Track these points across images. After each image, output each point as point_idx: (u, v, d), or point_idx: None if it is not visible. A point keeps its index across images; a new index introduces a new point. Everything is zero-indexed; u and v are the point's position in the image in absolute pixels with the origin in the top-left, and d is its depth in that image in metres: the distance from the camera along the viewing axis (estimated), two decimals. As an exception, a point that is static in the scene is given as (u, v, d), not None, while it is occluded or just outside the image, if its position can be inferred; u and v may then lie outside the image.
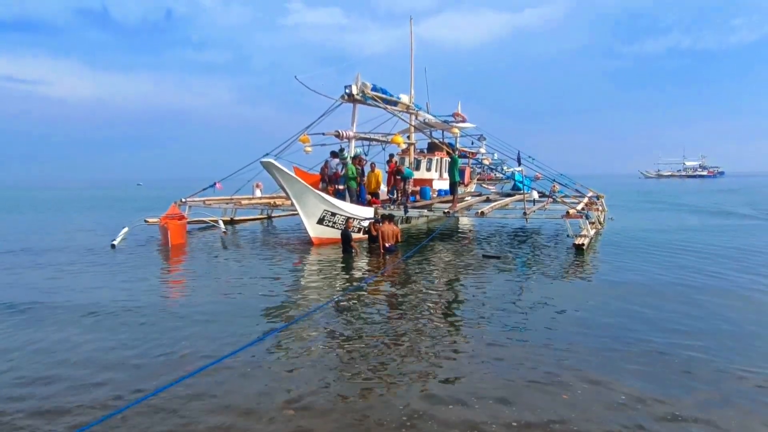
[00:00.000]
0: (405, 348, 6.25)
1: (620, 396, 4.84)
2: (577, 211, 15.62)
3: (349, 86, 16.56)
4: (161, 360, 5.83)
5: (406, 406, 4.65)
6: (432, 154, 21.92)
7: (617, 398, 4.80)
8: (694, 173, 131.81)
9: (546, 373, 5.40)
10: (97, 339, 6.53)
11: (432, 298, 8.81)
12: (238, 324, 7.11)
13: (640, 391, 4.92)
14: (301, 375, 5.40)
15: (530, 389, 5.04)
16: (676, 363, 5.69)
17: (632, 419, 4.40)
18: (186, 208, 18.78)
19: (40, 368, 5.60)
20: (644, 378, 5.26)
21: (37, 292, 9.17)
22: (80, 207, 35.58)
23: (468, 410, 4.57)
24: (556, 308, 8.02)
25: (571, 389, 5.01)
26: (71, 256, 13.19)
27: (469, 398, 4.81)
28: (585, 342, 6.39)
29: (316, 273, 11.45)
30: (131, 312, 7.74)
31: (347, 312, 7.83)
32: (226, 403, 4.71)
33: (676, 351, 6.04)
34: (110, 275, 10.87)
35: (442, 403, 4.71)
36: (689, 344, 6.26)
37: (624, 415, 4.49)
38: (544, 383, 5.16)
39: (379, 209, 16.38)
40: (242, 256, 13.53)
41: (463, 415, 4.48)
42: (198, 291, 9.53)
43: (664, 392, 4.92)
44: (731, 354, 5.97)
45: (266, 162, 14.14)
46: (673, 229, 18.38)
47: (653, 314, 7.61)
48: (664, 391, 4.96)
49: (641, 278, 10.28)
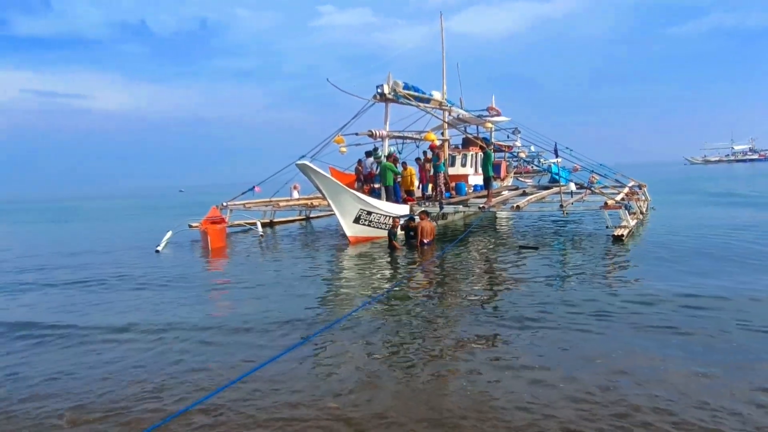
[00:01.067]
0: (450, 343, 6.30)
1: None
2: (616, 201, 15.31)
3: (381, 86, 16.71)
4: (217, 364, 5.87)
5: (453, 402, 4.68)
6: (467, 150, 21.85)
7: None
8: (744, 157, 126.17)
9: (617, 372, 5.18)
10: (142, 349, 6.52)
11: (473, 292, 8.86)
12: (283, 328, 7.06)
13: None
14: (348, 373, 5.44)
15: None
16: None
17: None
18: (227, 211, 19.32)
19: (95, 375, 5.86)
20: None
21: (78, 305, 9.15)
22: (126, 215, 36.97)
23: (524, 413, 4.47)
24: (601, 302, 7.80)
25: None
26: (116, 264, 13.49)
27: (526, 396, 4.72)
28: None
29: (356, 271, 11.64)
30: (177, 326, 7.41)
31: (390, 308, 7.92)
32: (275, 404, 4.80)
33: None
34: (153, 282, 10.94)
35: (494, 401, 4.69)
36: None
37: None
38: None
39: (414, 207, 16.50)
40: (281, 257, 13.80)
41: (518, 418, 4.38)
42: (239, 293, 9.64)
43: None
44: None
45: (301, 164, 14.45)
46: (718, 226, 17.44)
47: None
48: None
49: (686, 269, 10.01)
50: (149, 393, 5.15)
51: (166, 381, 5.44)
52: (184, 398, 4.96)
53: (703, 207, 21.97)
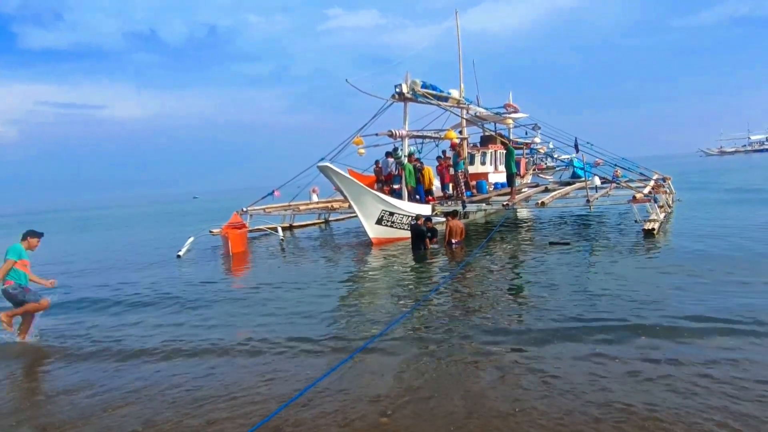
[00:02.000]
0: (489, 349, 6.06)
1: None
2: (644, 195, 15.03)
3: (399, 85, 16.55)
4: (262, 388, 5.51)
5: (495, 409, 4.54)
6: (485, 147, 21.62)
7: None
8: (761, 147, 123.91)
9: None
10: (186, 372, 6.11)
11: (510, 294, 8.60)
12: (320, 344, 6.64)
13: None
14: (394, 388, 5.18)
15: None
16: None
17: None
18: (247, 216, 19.30)
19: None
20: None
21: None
22: (144, 224, 37.15)
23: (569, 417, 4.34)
24: (644, 297, 7.61)
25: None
26: (140, 269, 13.60)
27: (567, 404, 4.57)
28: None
29: (385, 277, 11.05)
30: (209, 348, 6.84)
31: (430, 316, 7.51)
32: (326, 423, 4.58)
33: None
34: (173, 287, 10.93)
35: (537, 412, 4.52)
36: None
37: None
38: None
39: (436, 206, 16.33)
40: (303, 261, 13.54)
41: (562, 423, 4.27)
42: (263, 306, 8.91)
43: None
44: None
45: (323, 166, 14.36)
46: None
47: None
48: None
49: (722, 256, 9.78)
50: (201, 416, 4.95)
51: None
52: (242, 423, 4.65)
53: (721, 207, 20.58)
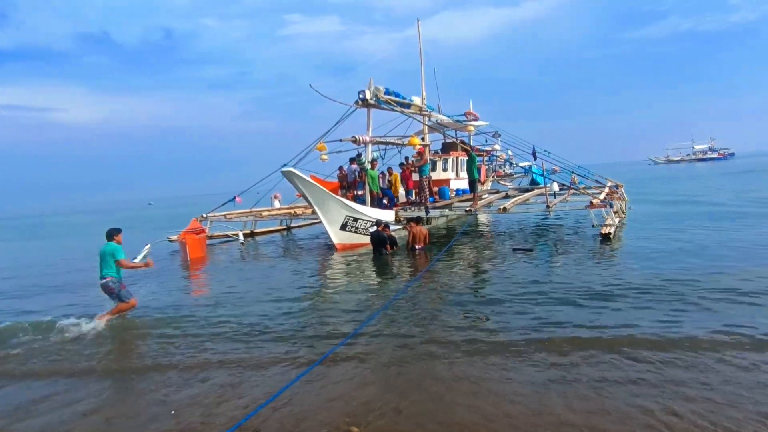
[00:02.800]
0: (461, 352, 6.11)
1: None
2: (600, 200, 15.55)
3: (363, 91, 16.59)
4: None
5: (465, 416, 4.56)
6: (447, 154, 21.90)
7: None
8: (704, 156, 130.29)
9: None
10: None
11: (474, 300, 8.57)
12: (281, 347, 6.65)
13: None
14: (362, 393, 5.16)
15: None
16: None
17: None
18: (207, 223, 18.89)
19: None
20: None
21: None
22: (100, 229, 35.73)
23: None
24: (600, 297, 7.90)
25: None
26: (87, 278, 13.00)
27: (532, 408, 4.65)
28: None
29: (348, 282, 10.94)
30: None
31: (392, 324, 7.39)
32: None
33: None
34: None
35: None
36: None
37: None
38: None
39: (399, 212, 16.41)
40: (264, 267, 13.39)
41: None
42: (221, 310, 8.80)
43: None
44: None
45: (287, 171, 14.20)
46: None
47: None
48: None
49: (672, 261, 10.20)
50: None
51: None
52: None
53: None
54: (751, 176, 43.73)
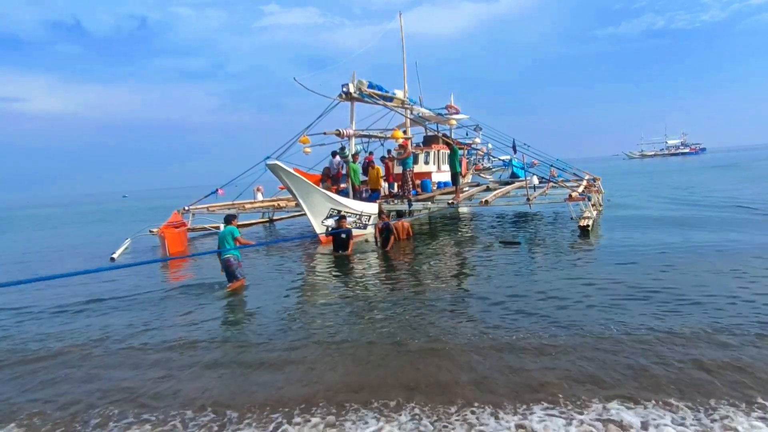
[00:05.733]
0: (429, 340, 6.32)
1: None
2: (578, 193, 15.93)
3: (346, 85, 16.66)
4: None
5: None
6: (429, 147, 22.05)
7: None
8: (677, 151, 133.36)
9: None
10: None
11: (453, 291, 8.76)
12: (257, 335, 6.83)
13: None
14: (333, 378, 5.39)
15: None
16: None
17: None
18: (189, 215, 18.77)
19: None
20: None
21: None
22: (75, 222, 35.20)
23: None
24: (576, 291, 8.14)
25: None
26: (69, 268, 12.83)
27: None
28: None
29: (330, 273, 11.02)
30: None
31: (372, 318, 7.41)
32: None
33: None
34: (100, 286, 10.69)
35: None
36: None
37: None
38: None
39: (382, 204, 16.55)
40: (248, 259, 12.95)
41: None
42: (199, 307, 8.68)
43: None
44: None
45: (272, 164, 14.22)
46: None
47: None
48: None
49: (650, 251, 10.58)
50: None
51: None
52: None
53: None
54: (713, 172, 43.43)
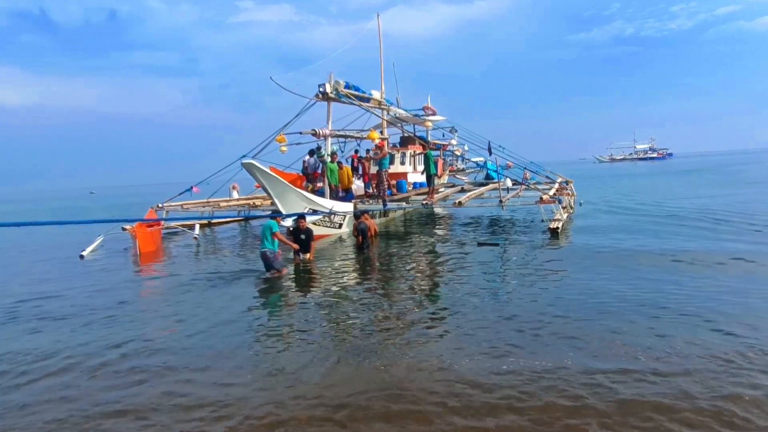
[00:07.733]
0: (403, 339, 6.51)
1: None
2: (550, 196, 16.31)
3: (323, 85, 16.75)
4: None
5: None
6: (405, 148, 22.30)
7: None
8: (645, 156, 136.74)
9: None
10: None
11: (427, 289, 9.00)
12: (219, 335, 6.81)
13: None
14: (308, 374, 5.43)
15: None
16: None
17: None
18: (163, 213, 18.55)
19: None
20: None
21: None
22: (40, 218, 34.26)
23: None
24: (540, 288, 8.50)
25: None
26: (36, 267, 12.79)
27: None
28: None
29: (304, 279, 10.55)
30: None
31: (340, 322, 7.35)
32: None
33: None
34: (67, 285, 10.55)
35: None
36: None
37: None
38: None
39: (357, 204, 16.68)
40: (220, 259, 13.15)
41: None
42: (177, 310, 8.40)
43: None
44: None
45: (247, 163, 14.21)
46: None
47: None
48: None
49: (617, 251, 11.00)
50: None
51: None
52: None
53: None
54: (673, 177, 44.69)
